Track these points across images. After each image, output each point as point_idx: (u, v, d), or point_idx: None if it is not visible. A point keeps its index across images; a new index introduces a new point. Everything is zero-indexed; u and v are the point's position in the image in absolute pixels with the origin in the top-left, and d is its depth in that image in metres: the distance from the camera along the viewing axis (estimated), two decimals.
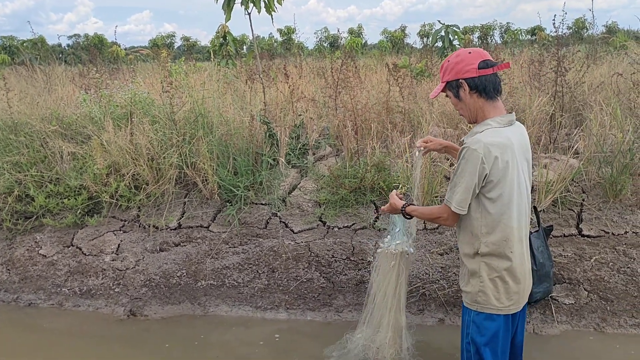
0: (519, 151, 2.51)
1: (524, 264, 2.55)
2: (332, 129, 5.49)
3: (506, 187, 2.44)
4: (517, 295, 2.53)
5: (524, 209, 2.52)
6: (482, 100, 2.50)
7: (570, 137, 4.97)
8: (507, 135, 2.48)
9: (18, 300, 4.45)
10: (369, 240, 4.33)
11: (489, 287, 2.52)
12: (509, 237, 2.46)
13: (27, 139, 5.27)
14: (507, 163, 2.42)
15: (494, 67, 2.47)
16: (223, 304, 4.18)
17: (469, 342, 2.62)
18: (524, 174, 2.54)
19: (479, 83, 2.47)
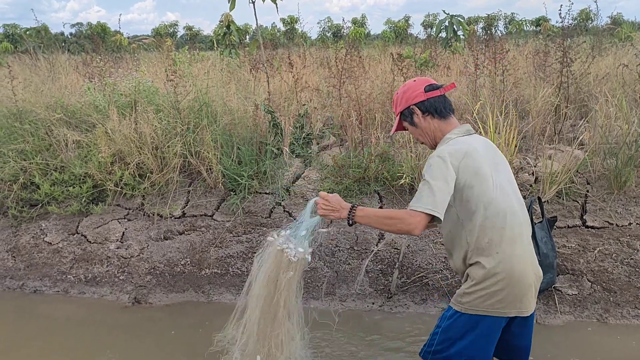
0: (487, 155, 2.51)
1: (518, 264, 2.40)
2: (336, 119, 5.49)
3: (483, 191, 2.41)
4: (510, 297, 2.40)
5: (511, 209, 2.44)
6: (437, 120, 2.57)
7: (575, 129, 4.96)
8: (469, 142, 2.49)
9: (24, 287, 4.48)
10: (372, 230, 4.34)
11: (476, 289, 2.42)
12: (493, 238, 2.39)
13: (32, 127, 5.28)
14: (476, 167, 2.42)
15: (441, 89, 2.57)
16: (227, 292, 4.20)
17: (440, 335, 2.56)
18: (503, 175, 2.52)
19: (429, 105, 2.55)
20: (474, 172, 2.42)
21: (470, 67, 5.65)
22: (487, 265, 2.40)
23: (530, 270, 2.45)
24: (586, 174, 4.46)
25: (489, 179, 2.46)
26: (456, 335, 2.53)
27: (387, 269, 4.11)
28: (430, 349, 2.61)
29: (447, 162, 2.39)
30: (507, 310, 2.44)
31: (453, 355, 2.55)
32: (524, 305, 2.45)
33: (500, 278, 2.38)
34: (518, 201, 2.52)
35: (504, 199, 2.45)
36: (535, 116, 4.88)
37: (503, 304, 2.41)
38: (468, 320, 2.49)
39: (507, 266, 2.39)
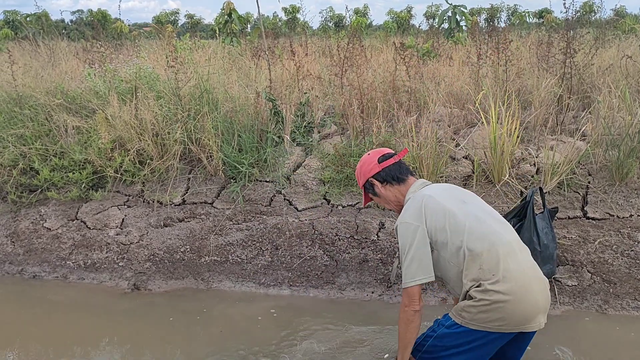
0: (447, 195, 2.62)
1: (517, 280, 2.37)
2: (337, 108, 5.46)
3: (455, 225, 2.46)
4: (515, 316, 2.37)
5: (491, 230, 2.46)
6: (395, 186, 2.75)
7: (578, 120, 4.94)
8: (423, 193, 2.62)
9: (23, 272, 4.48)
10: (372, 219, 4.33)
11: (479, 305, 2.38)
12: (483, 264, 2.38)
13: (31, 112, 5.26)
14: (438, 209, 2.51)
15: (394, 157, 2.77)
16: (226, 280, 4.20)
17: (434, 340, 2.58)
18: (473, 206, 2.58)
19: (385, 175, 2.75)
20: (439, 215, 2.51)
21: (473, 57, 5.61)
22: (487, 286, 2.37)
23: (534, 285, 2.41)
24: (588, 166, 4.44)
25: (457, 213, 2.51)
26: (450, 344, 2.52)
27: (387, 258, 4.10)
28: (421, 348, 2.62)
29: (410, 223, 2.52)
30: (512, 328, 2.41)
31: (443, 358, 2.55)
32: (530, 322, 2.41)
33: (502, 297, 2.34)
34: (498, 223, 2.55)
35: (480, 224, 2.49)
36: (538, 107, 4.85)
37: (507, 322, 2.38)
38: (467, 334, 2.47)
39: (507, 285, 2.36)
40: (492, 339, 2.44)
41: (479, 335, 2.43)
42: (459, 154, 4.71)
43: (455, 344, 2.50)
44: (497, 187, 4.34)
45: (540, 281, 2.47)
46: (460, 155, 4.70)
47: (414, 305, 2.49)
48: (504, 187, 4.34)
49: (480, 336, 2.43)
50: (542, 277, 2.51)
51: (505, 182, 4.33)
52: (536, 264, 2.53)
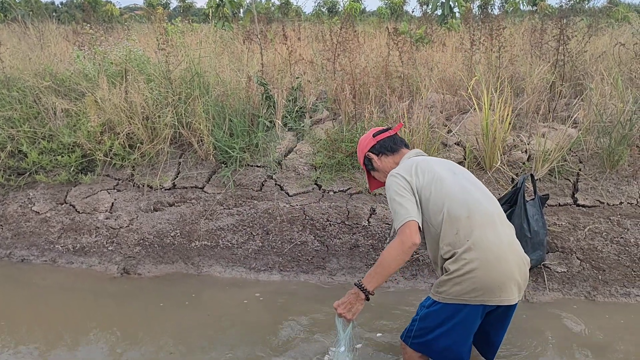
0: (439, 163, 2.71)
1: (492, 250, 2.41)
2: (329, 93, 5.43)
3: (440, 188, 2.53)
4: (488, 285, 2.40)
5: (474, 199, 2.52)
6: (390, 156, 2.86)
7: (570, 107, 4.93)
8: (415, 158, 2.74)
9: (11, 255, 4.44)
10: (364, 205, 4.32)
11: (452, 277, 2.43)
12: (461, 228, 2.44)
13: (19, 94, 5.19)
14: (428, 171, 2.60)
15: (389, 131, 2.89)
16: (217, 265, 4.18)
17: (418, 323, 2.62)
18: (463, 177, 2.65)
19: (379, 146, 2.87)
20: (427, 175, 2.59)
21: (466, 43, 5.58)
22: (461, 254, 2.42)
23: (510, 257, 2.45)
24: (579, 153, 4.44)
25: (444, 178, 2.59)
26: (433, 324, 2.55)
27: (377, 244, 4.10)
28: (410, 334, 2.66)
29: (399, 176, 2.61)
30: (486, 299, 2.43)
31: (431, 341, 2.59)
32: (505, 293, 2.43)
33: (474, 265, 2.39)
34: (485, 196, 2.61)
35: (464, 192, 2.55)
36: (530, 93, 4.84)
37: (481, 292, 2.41)
38: (446, 309, 2.50)
39: (480, 253, 2.40)
40: (470, 313, 2.47)
41: (457, 309, 2.46)
42: (451, 140, 4.69)
43: (437, 322, 2.54)
44: (489, 174, 4.33)
45: (519, 257, 2.51)
46: (452, 141, 4.69)
47: (414, 237, 2.42)
48: (496, 173, 4.34)
49: (458, 310, 2.46)
50: (522, 254, 2.54)
51: (496, 169, 4.32)
52: (518, 242, 2.58)
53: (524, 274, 2.52)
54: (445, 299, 2.47)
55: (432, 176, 2.57)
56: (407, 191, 2.55)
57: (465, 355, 2.63)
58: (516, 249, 2.53)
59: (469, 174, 2.75)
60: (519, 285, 2.48)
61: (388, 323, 3.38)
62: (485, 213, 2.49)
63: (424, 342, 2.61)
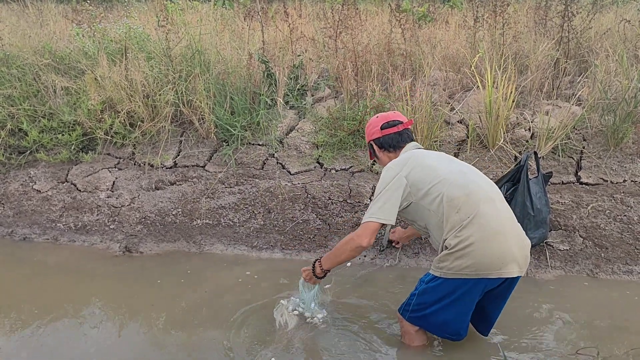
0: (435, 154, 2.78)
1: (490, 223, 2.45)
2: (331, 71, 5.38)
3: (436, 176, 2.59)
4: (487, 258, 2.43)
5: (473, 182, 2.57)
6: (391, 153, 2.93)
7: (574, 85, 4.88)
8: (412, 151, 2.82)
9: (13, 234, 4.44)
10: (365, 183, 4.30)
11: (452, 251, 2.48)
12: (461, 208, 2.48)
13: (19, 72, 5.14)
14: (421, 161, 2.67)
15: (397, 127, 2.90)
16: (218, 243, 4.18)
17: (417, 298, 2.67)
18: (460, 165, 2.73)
19: (383, 142, 2.93)
20: (424, 167, 2.66)
21: (469, 21, 5.51)
22: (460, 229, 2.47)
23: (508, 232, 2.49)
24: (583, 131, 4.41)
25: (439, 167, 2.65)
26: (432, 299, 2.60)
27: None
28: (408, 308, 2.72)
29: (392, 168, 2.69)
30: (487, 272, 2.46)
31: (429, 315, 2.64)
32: (505, 266, 2.46)
33: (474, 239, 2.43)
34: (482, 179, 2.66)
35: (462, 176, 2.60)
36: (534, 71, 4.79)
37: (481, 266, 2.44)
38: (446, 284, 2.54)
39: (480, 227, 2.45)
40: (470, 288, 2.50)
41: (457, 285, 2.50)
42: (454, 118, 4.66)
43: (437, 298, 2.58)
44: (492, 152, 4.31)
45: (518, 234, 2.56)
46: (455, 119, 4.66)
47: (363, 240, 2.60)
48: (499, 151, 4.31)
49: (459, 285, 2.50)
50: (522, 232, 2.60)
51: (499, 147, 4.30)
52: (517, 221, 2.62)
53: (523, 249, 2.55)
54: (447, 274, 2.50)
55: (427, 166, 2.64)
56: (391, 187, 2.62)
57: (462, 331, 2.68)
58: (515, 227, 2.57)
59: (466, 164, 2.82)
60: (517, 261, 2.50)
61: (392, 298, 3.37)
62: (483, 192, 2.54)
63: (422, 316, 2.66)
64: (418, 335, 2.80)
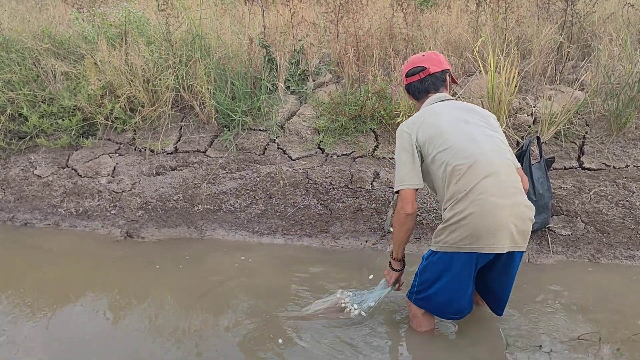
0: (452, 113, 2.68)
1: (488, 199, 2.43)
2: (332, 55, 5.34)
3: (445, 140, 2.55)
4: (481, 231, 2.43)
5: (481, 151, 2.50)
6: (414, 101, 2.95)
7: (577, 70, 4.85)
8: (431, 108, 2.75)
9: (14, 219, 4.44)
10: (367, 169, 4.29)
11: (446, 225, 2.51)
12: (462, 178, 2.47)
13: (18, 57, 5.11)
14: (432, 124, 2.63)
15: (419, 74, 2.82)
16: (220, 228, 4.18)
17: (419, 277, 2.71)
18: (475, 128, 2.61)
19: (409, 89, 2.91)
20: (434, 129, 2.62)
21: (472, 5, 5.46)
22: (456, 202, 2.48)
23: (506, 208, 2.46)
24: (585, 116, 4.38)
25: (450, 130, 2.60)
26: (433, 277, 2.63)
27: (381, 207, 4.08)
28: (413, 289, 2.75)
29: (404, 130, 2.69)
30: (479, 246, 2.46)
31: (432, 295, 2.66)
32: (498, 241, 2.45)
33: (468, 212, 2.44)
34: (493, 146, 2.57)
35: (470, 142, 2.55)
36: (537, 55, 4.75)
37: (474, 239, 2.45)
38: (442, 259, 2.57)
39: (475, 201, 2.44)
40: (465, 262, 2.52)
41: (452, 258, 2.53)
42: None
43: (436, 275, 2.61)
44: None
45: (519, 209, 2.51)
46: None
47: (406, 208, 2.60)
48: None
49: (454, 259, 2.53)
50: (524, 207, 2.54)
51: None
52: (523, 194, 2.57)
53: (523, 224, 2.52)
54: (442, 247, 2.54)
55: (436, 131, 2.60)
56: (407, 151, 2.63)
57: (465, 309, 2.70)
58: (519, 200, 2.52)
59: (485, 120, 2.71)
60: (513, 236, 2.49)
61: None
62: (489, 163, 2.48)
63: (426, 298, 2.68)
64: (425, 318, 2.80)
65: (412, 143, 2.63)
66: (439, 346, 2.78)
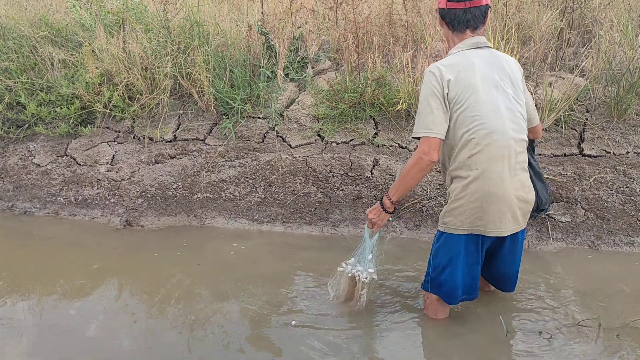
0: (487, 71, 2.49)
1: (496, 182, 2.42)
2: (332, 42, 5.30)
3: (472, 106, 2.42)
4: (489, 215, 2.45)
5: (501, 129, 2.42)
6: (449, 31, 2.59)
7: (577, 56, 4.82)
8: (467, 56, 2.51)
9: (13, 208, 4.43)
10: (367, 156, 4.28)
11: (454, 206, 2.51)
12: (475, 154, 2.42)
13: (15, 45, 5.08)
14: (468, 82, 2.44)
15: (464, 3, 2.48)
16: (219, 217, 4.17)
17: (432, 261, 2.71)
18: (502, 96, 2.47)
19: (446, 14, 2.54)
20: (466, 86, 2.45)
21: None
22: (465, 179, 2.46)
23: (511, 192, 2.46)
24: (586, 102, 4.36)
25: (481, 96, 2.46)
26: (444, 261, 2.63)
27: (381, 194, 4.07)
28: (428, 277, 2.74)
29: (436, 76, 2.45)
30: (488, 229, 2.49)
31: (445, 282, 2.66)
32: (502, 224, 2.49)
33: (477, 196, 2.44)
34: (513, 124, 2.47)
35: (494, 117, 2.44)
36: (538, 41, 4.72)
37: (482, 221, 2.47)
38: (451, 241, 2.58)
39: (485, 183, 2.43)
40: (474, 241, 2.55)
41: (460, 240, 2.54)
42: None
43: (447, 259, 2.61)
44: None
45: (523, 190, 2.52)
46: None
47: (432, 155, 2.45)
48: None
49: (462, 240, 2.54)
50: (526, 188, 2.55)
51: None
52: (526, 172, 2.55)
53: (525, 206, 2.55)
54: (450, 229, 2.54)
55: (469, 91, 2.44)
56: (438, 98, 2.45)
57: (476, 289, 2.73)
58: (523, 182, 2.52)
59: (512, 83, 2.54)
60: (517, 219, 2.53)
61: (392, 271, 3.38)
62: (504, 145, 2.42)
63: (439, 284, 2.68)
64: (441, 305, 2.80)
65: (443, 93, 2.44)
66: (438, 334, 2.79)
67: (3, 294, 3.24)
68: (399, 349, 2.71)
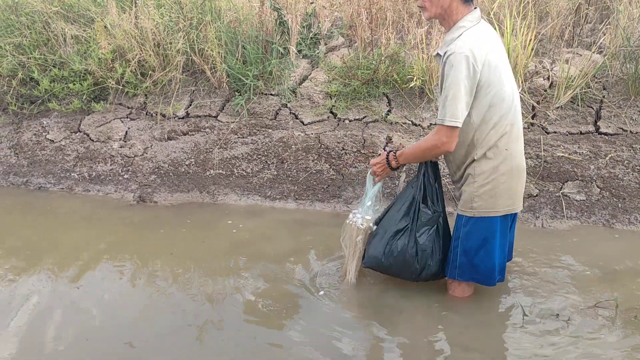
0: (501, 49, 2.52)
1: (520, 160, 2.54)
2: (345, 18, 5.24)
3: (500, 88, 2.41)
4: (515, 193, 2.55)
5: (519, 106, 2.55)
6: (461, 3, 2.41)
7: (595, 33, 4.74)
8: (485, 33, 2.45)
9: (28, 183, 4.47)
10: (380, 134, 4.25)
11: (485, 190, 2.50)
12: (504, 136, 2.45)
13: (28, 20, 5.06)
14: (496, 64, 2.40)
15: None
16: (232, 193, 4.18)
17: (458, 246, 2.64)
18: (509, 70, 2.55)
19: None
20: (495, 69, 2.41)
21: None
22: (495, 160, 2.47)
23: (523, 170, 2.59)
24: (603, 79, 4.29)
25: (505, 77, 2.47)
26: (476, 244, 2.59)
27: (393, 172, 4.04)
28: (455, 263, 2.66)
29: (471, 60, 2.33)
30: (516, 206, 2.58)
31: (479, 263, 2.62)
32: (521, 199, 2.62)
33: (507, 176, 2.48)
34: (519, 104, 2.61)
35: (515, 97, 2.52)
36: (555, 17, 4.64)
37: (512, 199, 2.53)
38: (483, 223, 2.56)
39: (512, 162, 2.49)
40: (503, 224, 2.58)
41: (492, 222, 2.55)
42: None
43: (482, 237, 2.58)
44: None
45: None
46: None
47: (450, 145, 2.45)
48: None
49: (494, 222, 2.55)
50: None
51: None
52: None
53: None
54: (481, 213, 2.53)
55: (496, 69, 2.40)
56: (472, 84, 2.36)
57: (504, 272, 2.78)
58: None
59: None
60: None
61: None
62: (520, 125, 2.55)
63: (474, 266, 2.63)
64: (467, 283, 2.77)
65: (476, 78, 2.35)
66: (453, 318, 2.73)
67: (18, 269, 3.28)
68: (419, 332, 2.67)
